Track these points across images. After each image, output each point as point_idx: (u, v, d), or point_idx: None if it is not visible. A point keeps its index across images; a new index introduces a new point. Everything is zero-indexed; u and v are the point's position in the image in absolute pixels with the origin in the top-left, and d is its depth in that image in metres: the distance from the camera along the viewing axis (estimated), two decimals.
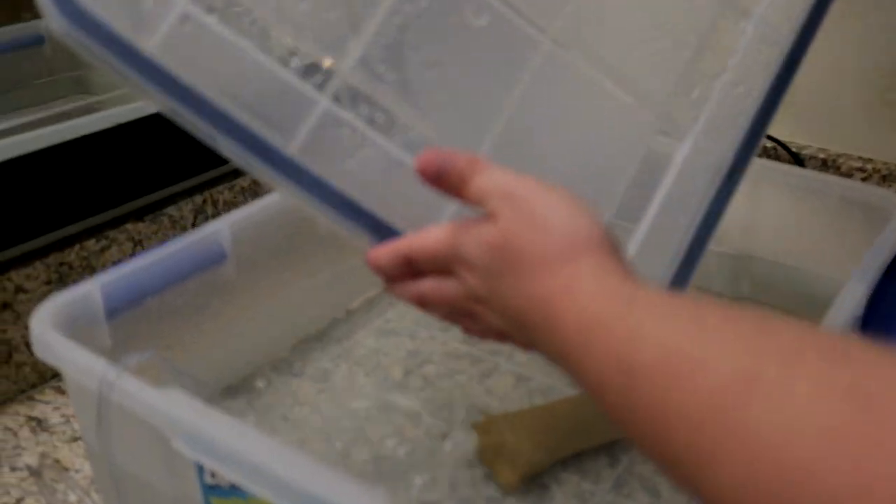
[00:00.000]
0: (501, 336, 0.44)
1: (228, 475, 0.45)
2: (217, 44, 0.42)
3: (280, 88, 0.43)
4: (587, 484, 0.59)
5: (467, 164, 0.42)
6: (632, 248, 0.51)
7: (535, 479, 0.58)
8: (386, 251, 0.45)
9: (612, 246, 0.40)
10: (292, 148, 0.43)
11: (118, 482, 0.52)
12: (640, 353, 0.33)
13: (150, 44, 0.40)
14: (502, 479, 0.58)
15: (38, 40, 0.83)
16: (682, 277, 0.52)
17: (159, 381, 0.51)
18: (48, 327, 0.51)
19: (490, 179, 0.41)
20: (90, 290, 0.55)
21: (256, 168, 0.43)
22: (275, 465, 0.42)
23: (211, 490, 0.48)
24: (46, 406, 0.68)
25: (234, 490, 0.46)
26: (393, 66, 0.45)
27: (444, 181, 0.42)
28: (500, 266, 0.40)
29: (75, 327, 0.53)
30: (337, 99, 0.44)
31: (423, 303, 0.45)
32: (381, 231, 0.45)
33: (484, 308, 0.43)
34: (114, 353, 0.56)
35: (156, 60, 0.40)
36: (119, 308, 0.57)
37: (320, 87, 0.44)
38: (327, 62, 0.44)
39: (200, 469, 0.47)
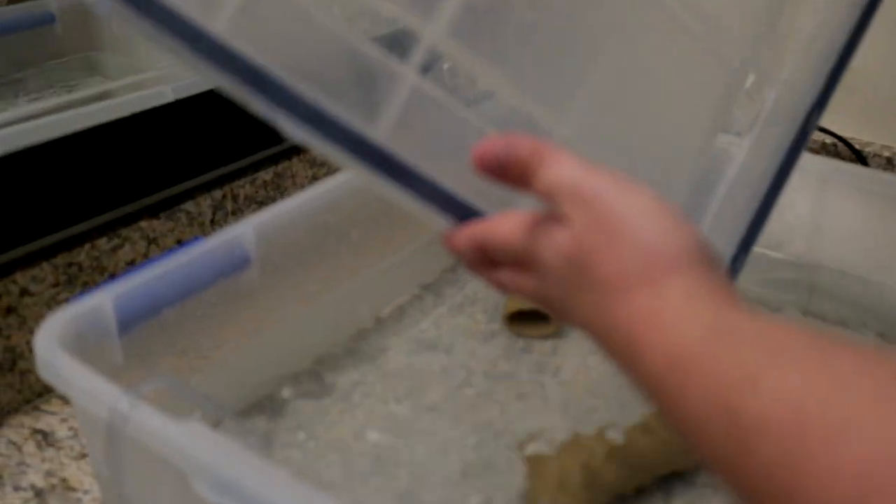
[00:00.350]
0: None
1: None
2: (288, 13, 0.36)
3: (361, 63, 0.37)
4: None
5: (531, 153, 0.36)
6: None
7: None
8: (462, 237, 0.40)
9: (707, 262, 0.34)
10: (376, 130, 0.37)
11: None
12: (755, 404, 0.28)
13: (214, 21, 0.34)
14: None
15: (48, 19, 0.78)
16: (732, 272, 0.49)
17: (177, 410, 0.45)
18: (54, 346, 0.46)
19: (560, 174, 0.36)
20: (101, 302, 0.50)
21: (332, 152, 0.37)
22: None
23: None
24: (53, 418, 0.63)
25: None
26: (479, 34, 0.39)
27: (506, 174, 0.37)
28: (576, 280, 0.35)
29: (84, 344, 0.48)
30: (425, 70, 0.38)
31: (504, 290, 0.41)
32: (461, 212, 0.40)
33: (560, 311, 0.38)
34: (126, 371, 0.51)
35: (220, 39, 0.34)
36: (133, 321, 0.51)
37: (405, 58, 0.38)
38: (413, 28, 0.38)
39: None
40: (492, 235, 0.39)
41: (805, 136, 0.51)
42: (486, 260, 0.40)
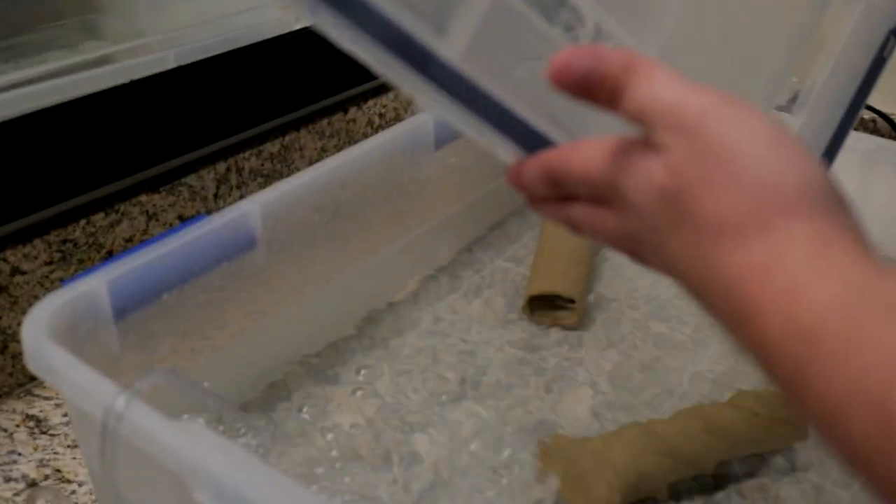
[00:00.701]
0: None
1: None
2: None
3: None
4: None
5: (622, 67, 0.30)
6: None
7: None
8: (531, 166, 0.35)
9: (836, 204, 0.29)
10: (448, 48, 0.32)
11: None
12: None
13: None
14: None
15: None
16: None
17: (176, 406, 0.42)
18: (43, 336, 0.42)
19: (656, 92, 0.30)
20: (95, 287, 0.46)
21: (395, 71, 0.32)
22: None
23: None
24: (46, 403, 0.60)
25: None
26: None
27: (591, 91, 0.31)
28: (669, 220, 0.30)
29: (76, 333, 0.45)
30: None
31: (574, 229, 0.36)
32: (533, 141, 0.35)
33: (647, 252, 0.33)
34: (122, 361, 0.48)
35: None
36: (129, 307, 0.48)
37: None
38: None
39: None
40: (568, 164, 0.34)
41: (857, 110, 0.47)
42: (558, 195, 0.35)
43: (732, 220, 0.28)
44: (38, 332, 0.42)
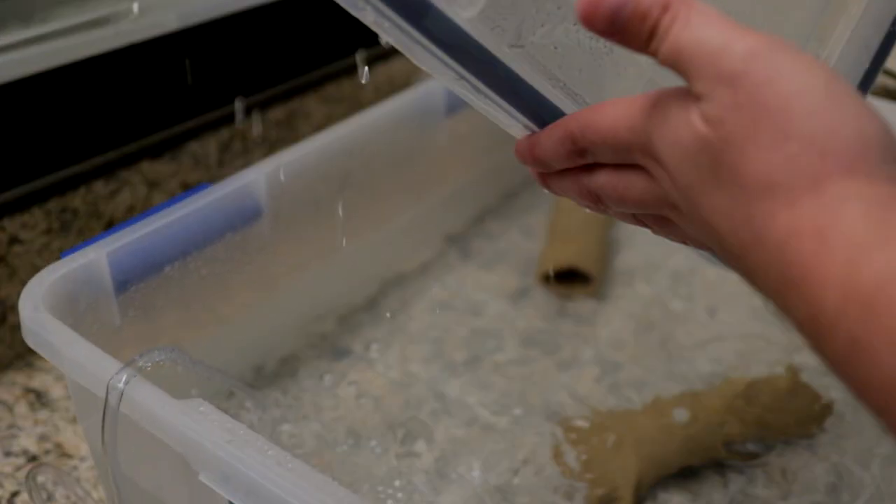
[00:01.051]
0: (704, 247, 0.32)
1: None
2: None
3: None
4: None
5: (659, 5, 0.27)
6: None
7: (633, 500, 0.48)
8: (550, 133, 0.32)
9: (893, 162, 0.26)
10: (460, 9, 0.30)
11: (126, 496, 0.42)
12: None
13: None
14: (596, 499, 0.47)
15: None
16: None
17: (180, 383, 0.40)
18: (42, 310, 0.40)
19: (695, 35, 0.27)
20: (95, 259, 0.44)
21: (405, 39, 0.30)
22: None
23: None
24: (47, 376, 0.58)
25: None
26: None
27: (623, 31, 0.28)
28: (709, 177, 0.27)
29: (76, 307, 0.43)
30: None
31: (597, 200, 0.33)
32: (547, 115, 0.33)
33: (680, 217, 0.30)
34: (123, 336, 0.46)
35: None
36: (130, 280, 0.46)
37: None
38: None
39: None
40: (593, 125, 0.31)
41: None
42: (578, 164, 0.32)
43: (782, 177, 0.26)
44: (37, 305, 0.40)
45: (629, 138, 0.30)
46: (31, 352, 0.60)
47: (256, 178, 0.51)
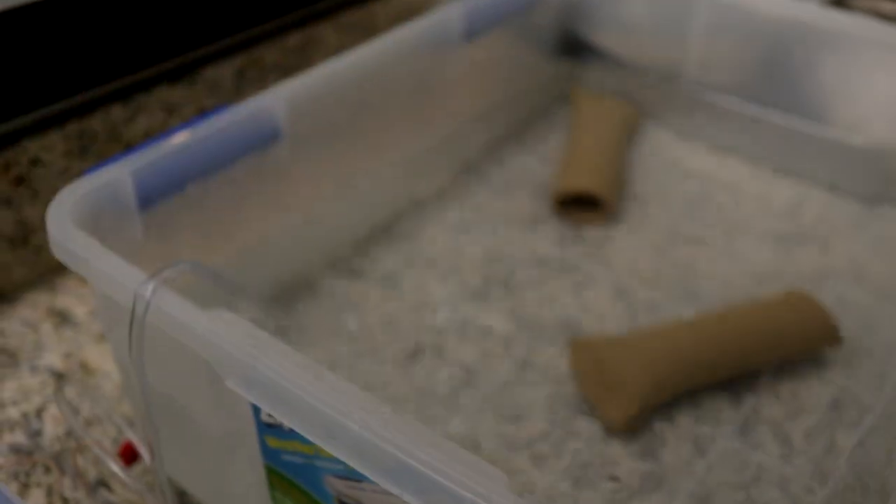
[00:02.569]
0: None
1: (294, 425, 0.36)
2: None
3: None
4: (705, 427, 0.50)
5: None
6: None
7: (643, 418, 0.49)
8: None
9: None
10: None
11: (154, 407, 0.43)
12: None
13: None
14: (608, 416, 0.49)
15: None
16: None
17: (203, 296, 0.41)
18: (68, 223, 0.41)
19: None
20: (119, 176, 0.45)
21: None
22: (352, 422, 0.33)
23: (268, 429, 0.39)
24: (70, 297, 0.60)
25: (294, 433, 0.37)
26: None
27: None
28: None
29: (101, 222, 0.44)
30: None
31: None
32: None
33: None
34: (147, 251, 0.47)
35: None
36: (154, 197, 0.47)
37: None
38: None
39: (257, 407, 0.38)
40: None
41: None
42: None
43: None
44: (63, 219, 0.41)
45: None
46: (54, 272, 0.61)
47: (276, 101, 0.51)
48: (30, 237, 0.59)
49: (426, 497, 0.31)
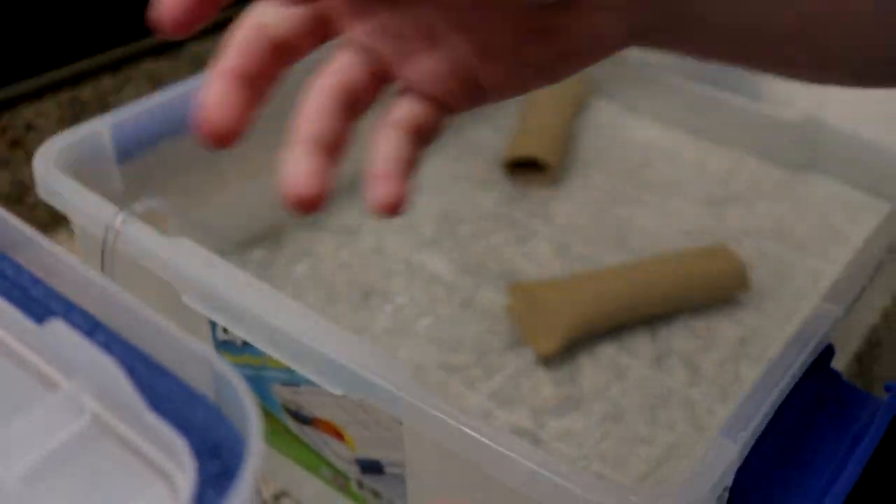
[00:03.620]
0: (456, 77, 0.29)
1: (242, 335, 0.42)
2: None
3: None
4: (625, 357, 0.55)
5: None
6: None
7: (570, 349, 0.55)
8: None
9: None
10: None
11: None
12: None
13: None
14: (538, 346, 0.54)
15: None
16: None
17: (170, 231, 0.47)
18: (52, 167, 0.47)
19: None
20: (99, 130, 0.51)
21: None
22: (292, 328, 0.39)
23: (223, 346, 0.45)
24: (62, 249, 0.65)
25: (247, 347, 0.43)
26: None
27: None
28: None
29: (83, 169, 0.50)
30: None
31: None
32: None
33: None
34: (125, 199, 0.53)
35: None
36: (131, 150, 0.53)
37: None
38: None
39: (213, 324, 0.44)
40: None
41: None
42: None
43: None
44: (48, 163, 0.47)
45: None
46: (48, 228, 0.67)
47: None
48: (24, 196, 0.65)
49: (348, 388, 0.37)
